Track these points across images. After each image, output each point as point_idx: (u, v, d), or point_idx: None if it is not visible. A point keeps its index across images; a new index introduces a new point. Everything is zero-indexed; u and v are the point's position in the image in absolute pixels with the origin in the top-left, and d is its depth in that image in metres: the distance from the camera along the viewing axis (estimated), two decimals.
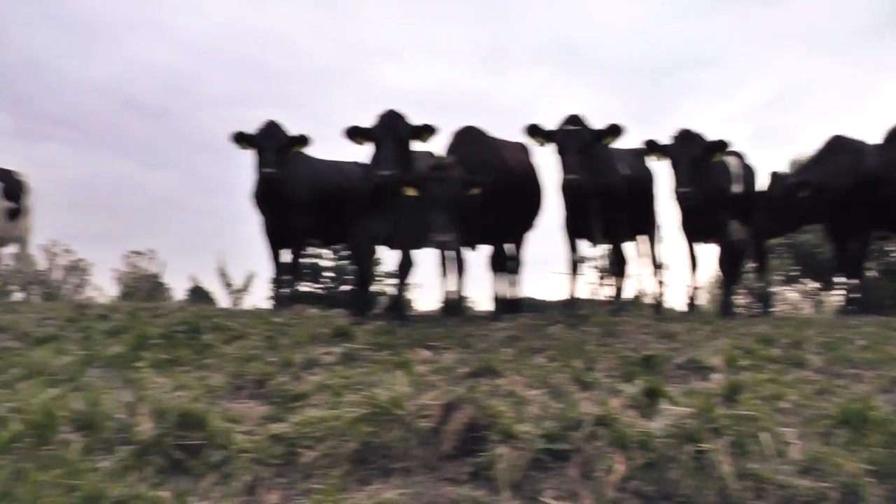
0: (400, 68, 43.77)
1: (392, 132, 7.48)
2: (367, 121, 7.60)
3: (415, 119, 7.61)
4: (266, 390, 4.65)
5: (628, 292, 9.76)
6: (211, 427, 3.84)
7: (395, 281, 8.63)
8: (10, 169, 11.14)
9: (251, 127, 8.26)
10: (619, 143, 7.94)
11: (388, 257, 8.44)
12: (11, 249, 11.94)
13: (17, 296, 13.43)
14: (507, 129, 8.51)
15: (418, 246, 8.06)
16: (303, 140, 8.41)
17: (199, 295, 16.64)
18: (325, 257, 14.35)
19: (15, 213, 10.92)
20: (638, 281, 9.92)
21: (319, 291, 14.22)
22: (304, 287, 9.83)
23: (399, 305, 8.13)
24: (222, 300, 14.00)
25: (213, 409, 4.08)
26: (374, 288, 8.60)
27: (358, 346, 5.70)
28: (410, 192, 7.22)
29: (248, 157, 8.39)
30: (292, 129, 8.44)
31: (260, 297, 14.70)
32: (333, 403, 4.19)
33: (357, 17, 43.68)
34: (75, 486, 3.37)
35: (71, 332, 6.23)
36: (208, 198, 37.08)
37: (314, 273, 14.30)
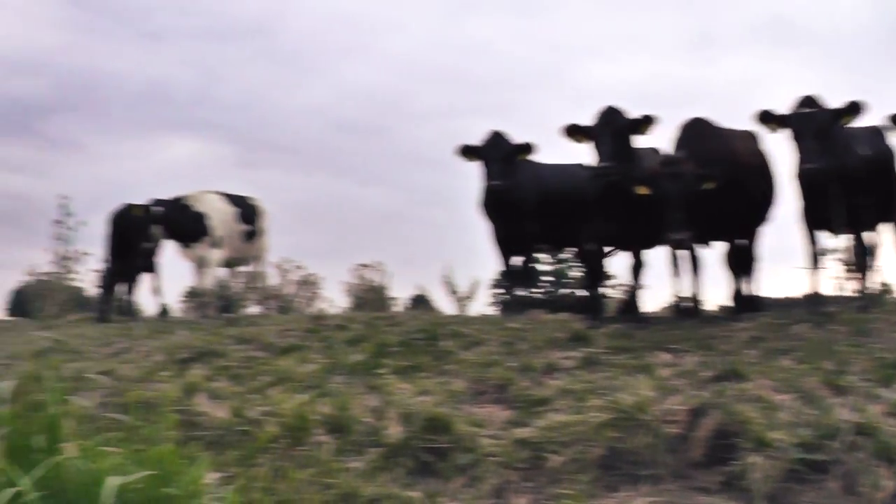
0: (606, 65, 43.12)
1: (610, 126, 7.37)
2: (583, 120, 7.53)
3: (633, 113, 7.47)
4: (508, 395, 4.71)
5: (875, 286, 9.13)
6: (456, 431, 3.96)
7: (627, 283, 8.48)
8: (245, 195, 11.91)
9: (467, 137, 8.39)
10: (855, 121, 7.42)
11: (618, 259, 8.26)
12: (248, 268, 12.73)
13: (254, 310, 14.28)
14: (725, 116, 8.13)
15: (650, 245, 7.89)
16: (527, 148, 8.46)
17: (421, 303, 17.03)
18: (544, 261, 14.30)
19: (251, 235, 11.65)
20: (883, 273, 9.26)
21: (539, 296, 14.20)
22: (526, 291, 9.80)
23: (634, 308, 8.00)
24: (447, 308, 14.25)
25: (458, 414, 4.21)
26: (604, 290, 8.47)
27: (597, 349, 5.66)
28: (642, 190, 7.08)
29: (466, 167, 8.53)
30: (514, 137, 8.50)
31: (485, 303, 14.83)
32: (577, 408, 4.20)
33: (558, 18, 43.42)
34: (331, 484, 3.57)
35: (312, 342, 6.58)
36: (426, 209, 38.01)
37: (533, 277, 14.30)
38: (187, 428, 4.27)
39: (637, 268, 8.00)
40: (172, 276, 12.61)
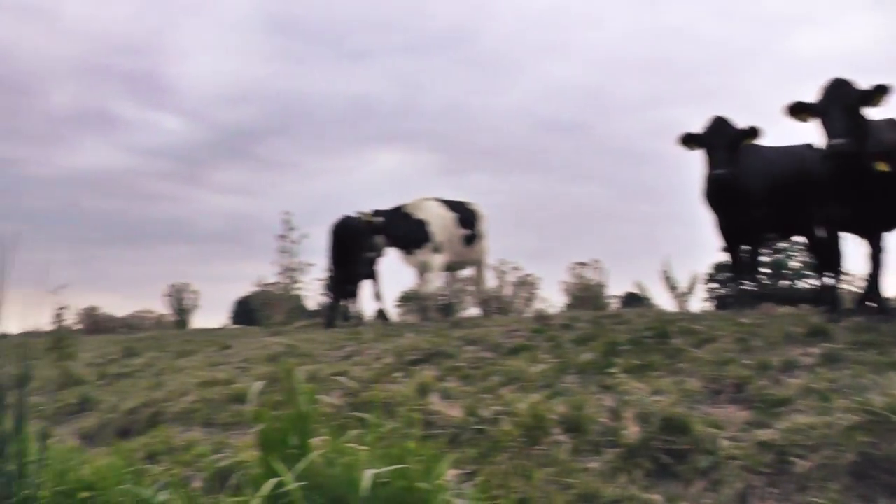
0: (818, 33, 40.66)
1: (839, 100, 6.93)
2: (797, 96, 7.14)
3: (863, 83, 7.01)
4: (745, 394, 4.56)
5: None
6: (695, 432, 3.90)
7: (866, 271, 7.99)
8: (463, 200, 12.18)
9: (674, 127, 8.20)
10: None
11: (853, 245, 7.75)
12: (469, 272, 13.03)
13: (473, 312, 14.57)
14: None
15: (891, 228, 7.40)
16: (753, 132, 8.14)
17: (634, 300, 16.80)
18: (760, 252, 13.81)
19: (470, 239, 11.88)
20: None
21: (760, 289, 13.70)
22: (751, 284, 9.41)
23: (876, 298, 7.52)
24: (663, 304, 13.97)
25: (695, 414, 4.13)
26: (839, 281, 7.94)
27: (838, 345, 5.34)
28: (881, 166, 6.63)
29: (673, 158, 8.35)
30: (737, 122, 8.22)
31: (702, 298, 14.45)
32: (821, 409, 4.01)
33: None
34: (570, 484, 3.61)
35: (539, 342, 6.65)
36: (635, 204, 37.52)
37: (755, 269, 13.87)
38: (423, 427, 4.44)
39: (877, 254, 7.53)
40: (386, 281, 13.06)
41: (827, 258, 7.89)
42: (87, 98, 40.29)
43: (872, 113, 7.03)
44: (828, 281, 7.91)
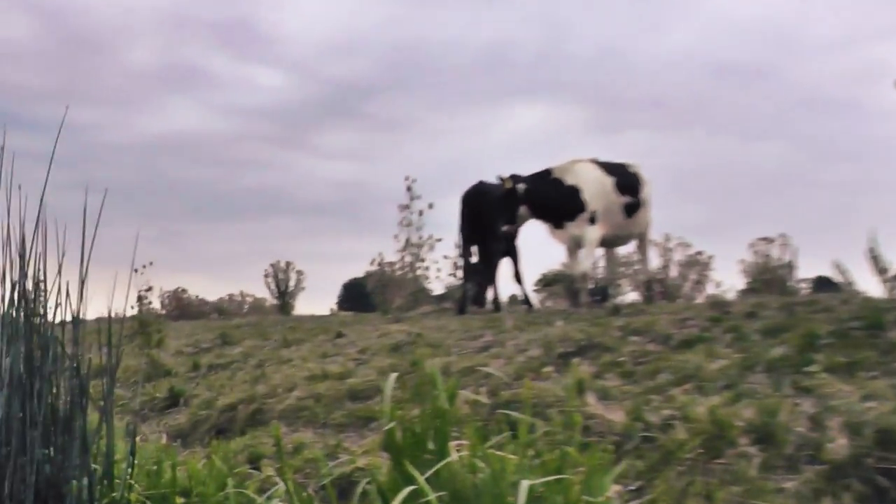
0: None
1: None
2: None
3: None
4: None
5: None
6: None
7: None
8: (622, 162, 11.70)
9: (885, 69, 7.72)
10: None
11: None
12: (629, 248, 12.69)
13: (632, 296, 14.31)
14: None
15: None
16: None
17: (826, 284, 16.21)
18: None
19: (632, 209, 11.40)
20: None
21: None
22: None
23: None
24: (869, 289, 13.37)
25: None
26: None
27: None
28: None
29: (883, 108, 7.94)
30: None
31: None
32: None
33: None
34: None
35: (718, 333, 6.38)
36: (831, 165, 35.99)
37: None
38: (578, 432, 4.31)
39: None
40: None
41: None
42: (171, 53, 40.64)
43: None
44: None
